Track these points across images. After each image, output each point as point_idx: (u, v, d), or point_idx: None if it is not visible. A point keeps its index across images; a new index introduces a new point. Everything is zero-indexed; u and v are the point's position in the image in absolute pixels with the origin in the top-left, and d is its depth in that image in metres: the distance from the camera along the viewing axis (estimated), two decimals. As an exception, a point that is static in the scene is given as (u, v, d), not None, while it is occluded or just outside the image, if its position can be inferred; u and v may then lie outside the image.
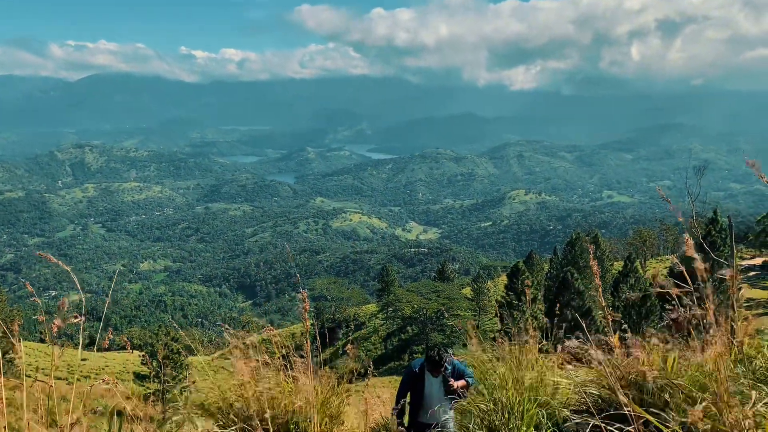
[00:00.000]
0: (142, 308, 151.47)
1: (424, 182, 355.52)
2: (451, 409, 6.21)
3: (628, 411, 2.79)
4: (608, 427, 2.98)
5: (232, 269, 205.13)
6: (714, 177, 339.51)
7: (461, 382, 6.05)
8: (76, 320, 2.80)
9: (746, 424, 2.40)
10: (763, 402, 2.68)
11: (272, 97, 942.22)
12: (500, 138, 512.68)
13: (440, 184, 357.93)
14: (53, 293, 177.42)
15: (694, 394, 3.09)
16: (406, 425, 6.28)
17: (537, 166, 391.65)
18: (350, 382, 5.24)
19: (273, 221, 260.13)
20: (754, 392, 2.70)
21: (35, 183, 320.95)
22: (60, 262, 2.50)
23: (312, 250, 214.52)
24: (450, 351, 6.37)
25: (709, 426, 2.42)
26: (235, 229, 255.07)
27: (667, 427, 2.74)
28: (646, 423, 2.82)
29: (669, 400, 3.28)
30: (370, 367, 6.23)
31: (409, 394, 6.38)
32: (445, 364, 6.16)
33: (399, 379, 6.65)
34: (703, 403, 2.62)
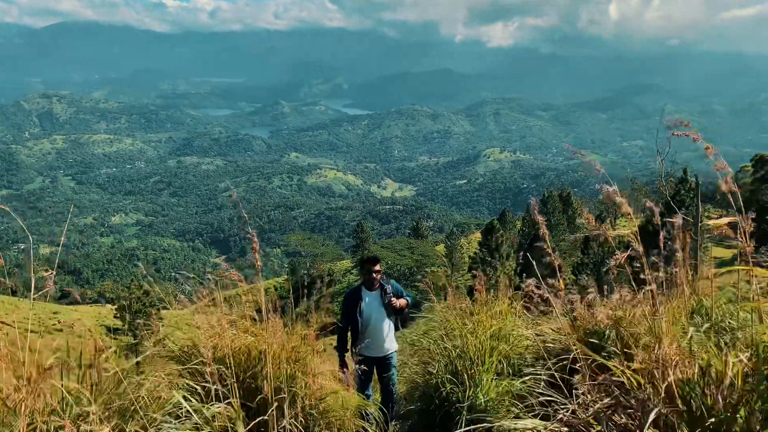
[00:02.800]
0: (114, 262, 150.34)
1: (400, 139, 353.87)
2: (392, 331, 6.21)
3: (576, 351, 3.00)
4: (560, 373, 3.16)
5: (206, 224, 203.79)
6: (686, 138, 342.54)
7: (402, 301, 6.06)
8: (46, 274, 2.75)
9: (676, 354, 2.60)
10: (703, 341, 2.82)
11: (246, 48, 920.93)
12: (477, 95, 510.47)
13: (416, 141, 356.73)
14: (22, 246, 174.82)
15: (640, 334, 3.23)
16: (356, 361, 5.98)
17: (513, 124, 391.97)
18: (324, 335, 5.31)
19: (247, 176, 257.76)
20: (691, 328, 2.85)
21: (0, 133, 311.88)
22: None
23: (286, 205, 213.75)
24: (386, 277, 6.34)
25: (648, 356, 2.60)
26: (208, 184, 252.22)
27: (615, 367, 2.83)
28: (604, 371, 2.93)
29: (616, 339, 3.42)
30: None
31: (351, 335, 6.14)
32: (379, 263, 6.22)
33: None
34: (644, 339, 2.83)
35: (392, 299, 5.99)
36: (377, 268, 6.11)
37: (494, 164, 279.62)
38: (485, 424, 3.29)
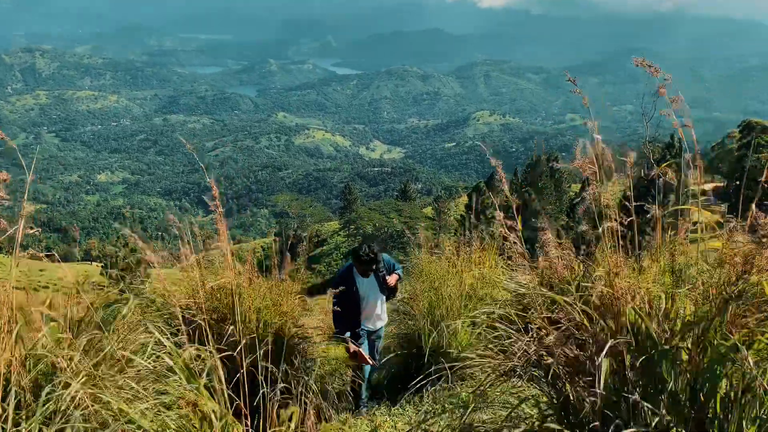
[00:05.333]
0: (100, 220, 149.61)
1: (390, 100, 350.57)
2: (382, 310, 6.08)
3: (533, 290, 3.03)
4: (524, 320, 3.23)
5: (192, 183, 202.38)
6: (676, 103, 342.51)
7: (393, 278, 5.86)
8: (32, 231, 2.74)
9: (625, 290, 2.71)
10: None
11: (234, 4, 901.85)
12: (468, 57, 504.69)
13: (405, 103, 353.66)
14: (6, 203, 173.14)
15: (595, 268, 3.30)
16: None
17: (503, 86, 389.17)
18: (310, 295, 5.34)
19: (234, 135, 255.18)
20: (644, 262, 3.01)
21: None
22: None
23: (274, 166, 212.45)
24: (375, 246, 5.81)
25: (603, 290, 2.73)
26: (194, 143, 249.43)
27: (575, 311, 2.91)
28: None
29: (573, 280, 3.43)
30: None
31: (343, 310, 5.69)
32: (379, 262, 5.75)
33: None
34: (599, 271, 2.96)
35: (386, 277, 5.77)
36: (374, 268, 5.69)
37: (484, 127, 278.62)
38: (457, 365, 3.55)
